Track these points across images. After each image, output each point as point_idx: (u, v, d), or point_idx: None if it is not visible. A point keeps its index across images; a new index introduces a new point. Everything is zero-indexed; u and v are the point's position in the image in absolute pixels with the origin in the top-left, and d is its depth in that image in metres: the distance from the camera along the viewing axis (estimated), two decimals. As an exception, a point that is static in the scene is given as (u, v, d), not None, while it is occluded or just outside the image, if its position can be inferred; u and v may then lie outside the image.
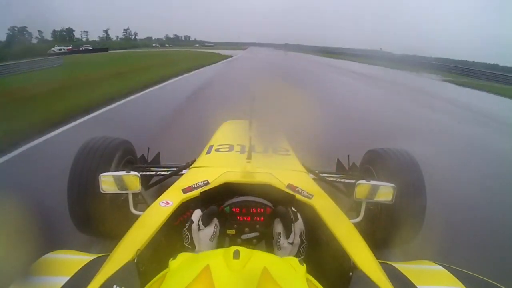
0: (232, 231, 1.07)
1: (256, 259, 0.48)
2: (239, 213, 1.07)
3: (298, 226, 1.05)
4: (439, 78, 18.51)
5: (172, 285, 0.48)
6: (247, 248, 1.06)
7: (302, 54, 45.11)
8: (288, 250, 1.05)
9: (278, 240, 1.04)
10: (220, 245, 1.07)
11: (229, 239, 1.08)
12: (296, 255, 1.04)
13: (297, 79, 12.28)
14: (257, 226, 1.07)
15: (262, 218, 1.07)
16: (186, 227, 1.02)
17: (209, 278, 0.45)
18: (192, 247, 1.01)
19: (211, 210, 1.04)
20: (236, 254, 0.47)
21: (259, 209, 1.07)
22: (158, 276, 0.55)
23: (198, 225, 1.02)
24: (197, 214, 1.04)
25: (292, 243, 1.04)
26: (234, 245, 1.06)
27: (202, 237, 1.01)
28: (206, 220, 1.03)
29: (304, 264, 0.56)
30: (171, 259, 0.55)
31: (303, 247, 1.05)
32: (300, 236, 1.05)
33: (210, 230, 1.02)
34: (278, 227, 1.05)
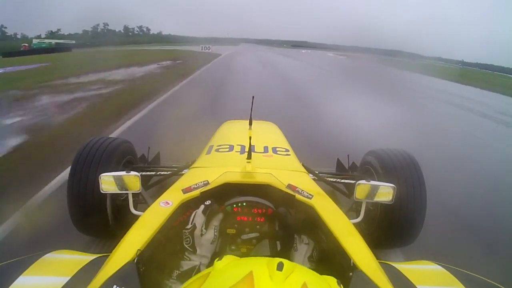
0: (233, 231, 1.07)
1: (297, 274, 0.48)
2: (241, 212, 1.07)
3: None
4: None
5: (214, 285, 0.49)
6: (247, 248, 1.07)
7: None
8: (304, 250, 1.06)
9: (295, 241, 1.06)
10: (221, 246, 1.07)
11: (229, 238, 1.08)
12: (310, 256, 1.06)
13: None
14: (258, 226, 1.07)
15: (262, 219, 1.08)
16: (188, 229, 1.02)
17: (251, 284, 0.46)
18: (193, 250, 1.02)
19: (213, 210, 1.04)
20: (280, 266, 0.48)
21: (260, 209, 1.07)
22: (200, 274, 0.56)
23: (201, 230, 1.02)
24: (199, 219, 1.03)
25: (308, 243, 1.06)
26: (234, 245, 1.07)
27: (204, 242, 1.02)
28: (208, 223, 1.03)
29: (342, 286, 0.56)
30: (217, 259, 0.56)
31: (314, 247, 1.06)
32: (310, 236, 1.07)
33: (211, 234, 1.02)
34: None
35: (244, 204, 1.08)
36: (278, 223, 1.08)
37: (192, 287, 0.52)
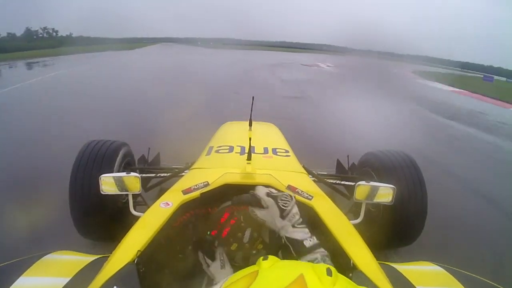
0: (234, 246, 0.99)
1: (342, 282, 0.50)
2: (223, 217, 1.00)
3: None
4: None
5: (267, 284, 0.50)
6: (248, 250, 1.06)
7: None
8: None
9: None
10: (240, 265, 1.01)
11: (240, 254, 0.99)
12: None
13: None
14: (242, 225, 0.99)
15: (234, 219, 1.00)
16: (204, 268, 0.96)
17: (304, 286, 0.46)
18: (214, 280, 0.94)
19: (210, 242, 0.98)
20: (329, 272, 0.48)
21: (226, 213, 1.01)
22: (245, 272, 0.55)
23: (207, 264, 0.96)
24: (200, 255, 0.97)
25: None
26: (247, 256, 1.00)
27: (214, 271, 0.95)
28: (209, 255, 0.96)
29: None
30: (262, 258, 0.55)
31: None
32: None
33: (217, 263, 0.95)
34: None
35: (223, 210, 1.01)
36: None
37: (239, 284, 0.51)
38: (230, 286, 0.53)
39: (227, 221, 0.99)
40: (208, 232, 0.98)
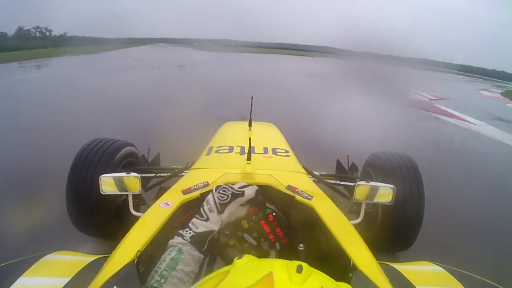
0: (246, 225, 1.04)
1: (315, 278, 0.49)
2: (265, 219, 1.05)
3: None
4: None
5: (234, 282, 0.50)
6: (245, 246, 1.06)
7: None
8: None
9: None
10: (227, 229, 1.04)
11: (236, 229, 1.05)
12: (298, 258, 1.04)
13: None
14: (264, 233, 1.05)
15: (270, 235, 1.05)
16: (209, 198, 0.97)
17: (270, 285, 0.46)
18: (206, 217, 0.93)
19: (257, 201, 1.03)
20: (299, 269, 0.48)
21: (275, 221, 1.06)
22: (219, 271, 0.56)
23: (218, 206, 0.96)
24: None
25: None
26: (235, 238, 1.04)
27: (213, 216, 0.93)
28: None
29: None
30: (237, 258, 0.56)
31: (301, 249, 1.05)
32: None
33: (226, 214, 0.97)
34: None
35: (274, 215, 1.05)
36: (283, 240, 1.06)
37: (211, 283, 0.52)
38: (201, 286, 0.53)
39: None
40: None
